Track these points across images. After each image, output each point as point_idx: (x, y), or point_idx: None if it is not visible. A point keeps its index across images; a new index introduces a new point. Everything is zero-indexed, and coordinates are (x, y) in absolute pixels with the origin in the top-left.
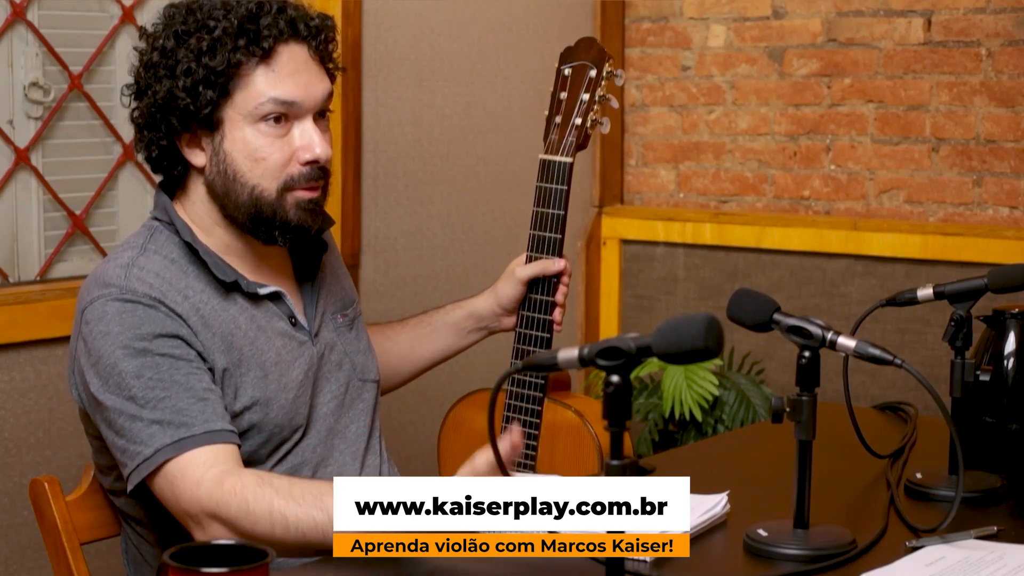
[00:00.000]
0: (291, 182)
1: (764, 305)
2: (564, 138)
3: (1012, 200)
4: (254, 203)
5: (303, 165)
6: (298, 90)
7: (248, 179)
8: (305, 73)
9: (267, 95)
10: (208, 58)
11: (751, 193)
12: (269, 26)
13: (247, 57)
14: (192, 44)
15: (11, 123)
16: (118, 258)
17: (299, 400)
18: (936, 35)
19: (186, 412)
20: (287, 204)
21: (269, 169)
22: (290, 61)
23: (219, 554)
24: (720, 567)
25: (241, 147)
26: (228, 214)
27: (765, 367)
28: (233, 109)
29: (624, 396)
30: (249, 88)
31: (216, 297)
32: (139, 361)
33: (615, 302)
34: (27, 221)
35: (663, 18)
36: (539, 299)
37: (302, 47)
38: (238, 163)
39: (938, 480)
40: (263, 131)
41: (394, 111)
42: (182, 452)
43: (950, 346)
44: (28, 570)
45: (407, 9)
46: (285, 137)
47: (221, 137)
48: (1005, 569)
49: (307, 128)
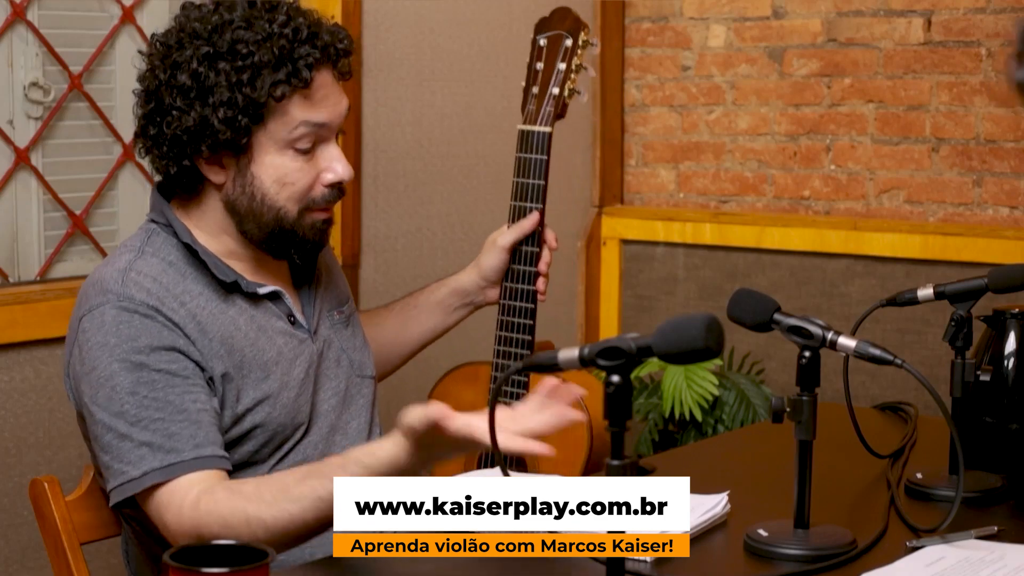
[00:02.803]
0: (312, 204)
1: (764, 305)
2: (542, 108)
3: (1012, 200)
4: (276, 223)
5: (326, 187)
6: (328, 113)
7: (275, 202)
8: (333, 95)
9: (300, 119)
10: (249, 89)
11: (751, 193)
12: (306, 55)
13: (288, 88)
14: (228, 71)
15: (11, 123)
16: (115, 262)
17: (301, 398)
18: (936, 35)
19: (177, 436)
20: (305, 224)
21: (296, 192)
22: (321, 86)
23: (219, 554)
24: (720, 567)
25: (271, 172)
26: (243, 229)
27: (765, 367)
28: (266, 135)
29: (624, 396)
30: (284, 116)
31: (215, 300)
32: (135, 376)
33: (615, 302)
34: (27, 221)
35: (663, 18)
36: (522, 270)
37: (329, 69)
38: (266, 186)
39: (938, 480)
40: (293, 156)
41: (394, 111)
42: (170, 478)
43: (950, 346)
44: (28, 570)
45: (407, 9)
46: (312, 161)
47: (249, 160)
48: (1005, 569)
49: (331, 150)
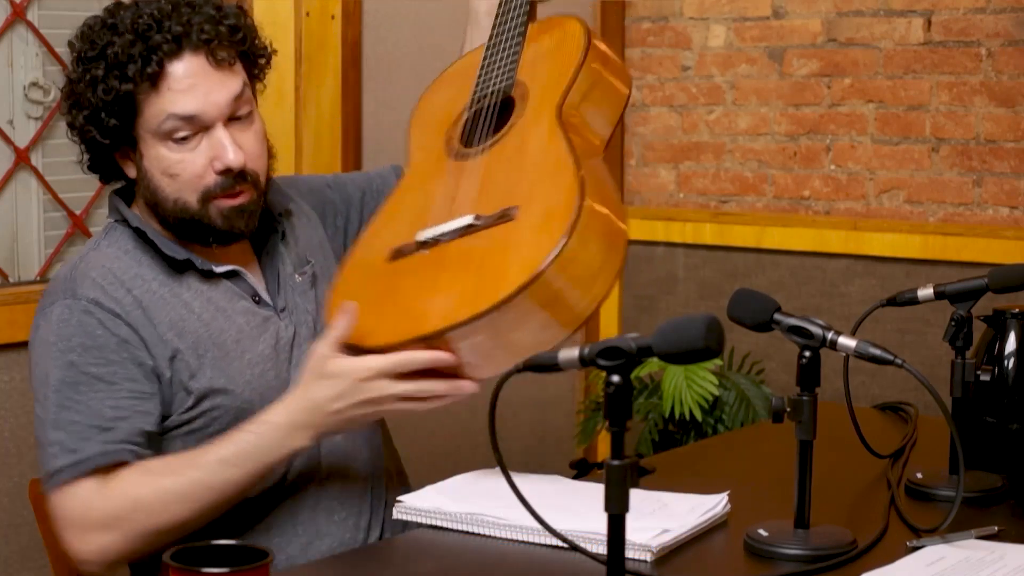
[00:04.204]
0: (208, 192)
1: (764, 305)
2: None
3: (1012, 200)
4: (179, 213)
5: (218, 174)
6: (196, 102)
7: (168, 193)
8: (203, 84)
9: (166, 112)
10: (103, 89)
11: (751, 193)
12: (156, 47)
13: (136, 83)
14: (92, 72)
15: (11, 123)
16: (73, 258)
17: (268, 374)
18: (936, 35)
19: (89, 440)
20: (211, 213)
21: (185, 182)
22: (185, 75)
23: (219, 554)
24: (720, 567)
25: (156, 164)
26: (162, 219)
27: (765, 367)
28: (144, 129)
29: (624, 396)
30: (150, 108)
31: (169, 283)
32: (63, 375)
33: (615, 302)
34: (27, 221)
35: (663, 18)
36: None
37: (198, 57)
38: (156, 179)
39: (938, 480)
40: (172, 148)
41: (394, 111)
42: (76, 477)
43: (950, 346)
44: (28, 570)
45: (407, 9)
46: (197, 149)
47: (140, 155)
48: (1005, 569)
49: (217, 137)
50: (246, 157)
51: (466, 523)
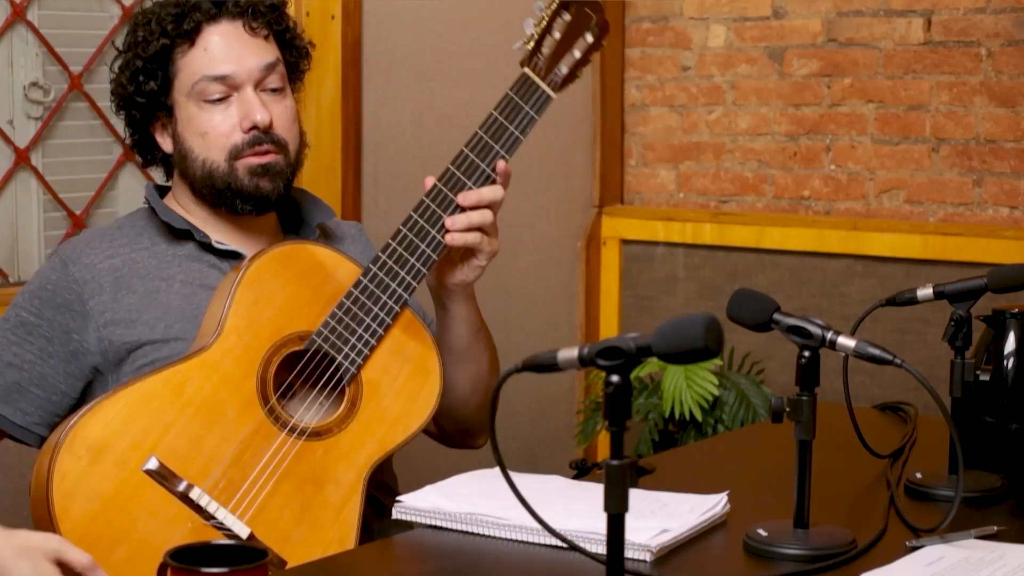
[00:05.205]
0: (236, 150)
1: (764, 305)
2: (554, 69)
3: (1012, 200)
4: (208, 176)
5: (246, 132)
6: (228, 64)
7: (198, 154)
8: (237, 47)
9: (200, 73)
10: (142, 49)
11: (751, 193)
12: (195, 8)
13: (175, 42)
14: (137, 39)
15: (11, 123)
16: None
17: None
18: (936, 35)
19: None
20: (239, 172)
21: (213, 140)
22: (222, 39)
23: (219, 554)
24: (720, 567)
25: (190, 125)
26: (196, 191)
27: (765, 367)
28: (179, 92)
29: (624, 396)
30: (185, 70)
31: (159, 254)
32: (8, 310)
33: (615, 302)
34: (27, 221)
35: (663, 18)
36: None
37: (235, 24)
38: (190, 141)
39: (938, 480)
40: (204, 108)
41: (394, 111)
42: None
43: (950, 346)
44: None
45: (407, 9)
46: (227, 111)
47: (175, 121)
48: (1005, 569)
49: (247, 97)
50: (275, 122)
51: (466, 523)
